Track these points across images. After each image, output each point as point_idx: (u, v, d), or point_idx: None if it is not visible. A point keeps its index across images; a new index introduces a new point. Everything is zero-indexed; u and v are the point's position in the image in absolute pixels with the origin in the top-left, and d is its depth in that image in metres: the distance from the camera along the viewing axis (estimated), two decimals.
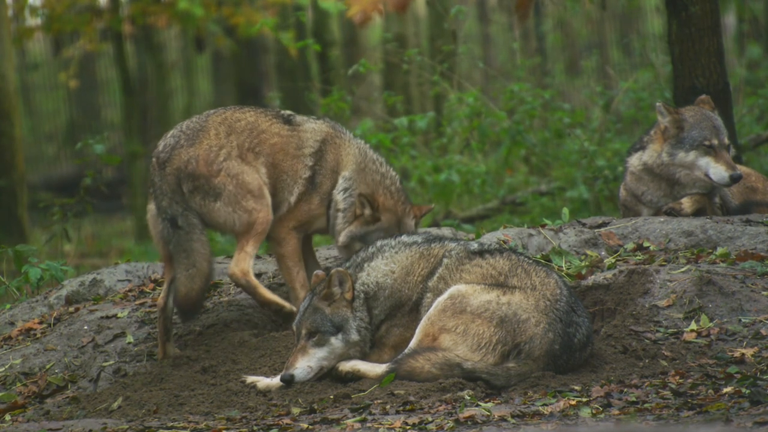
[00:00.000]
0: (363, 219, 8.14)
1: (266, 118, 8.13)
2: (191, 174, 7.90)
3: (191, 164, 7.92)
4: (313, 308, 7.18)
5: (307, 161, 8.13)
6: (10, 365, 8.08)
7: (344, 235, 8.14)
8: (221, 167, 7.94)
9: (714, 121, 9.11)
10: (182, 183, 7.90)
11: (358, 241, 8.14)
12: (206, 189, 7.92)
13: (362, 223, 8.16)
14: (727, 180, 9.00)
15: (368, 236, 8.13)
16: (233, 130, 8.04)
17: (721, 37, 10.57)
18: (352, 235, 8.14)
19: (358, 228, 8.15)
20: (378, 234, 8.11)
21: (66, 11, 21.64)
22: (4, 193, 15.97)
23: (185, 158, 7.94)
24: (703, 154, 9.06)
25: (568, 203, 15.44)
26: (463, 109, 16.22)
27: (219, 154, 7.94)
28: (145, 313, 8.37)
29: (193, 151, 7.95)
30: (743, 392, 6.29)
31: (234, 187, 7.93)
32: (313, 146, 8.16)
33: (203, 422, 6.66)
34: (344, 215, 8.16)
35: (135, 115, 23.45)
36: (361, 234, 8.15)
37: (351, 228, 8.15)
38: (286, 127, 8.15)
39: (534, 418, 6.21)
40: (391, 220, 8.17)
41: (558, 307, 6.97)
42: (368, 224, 8.15)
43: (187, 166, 7.92)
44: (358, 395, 6.87)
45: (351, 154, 8.22)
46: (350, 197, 8.17)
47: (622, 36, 21.41)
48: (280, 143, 8.08)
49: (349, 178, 8.18)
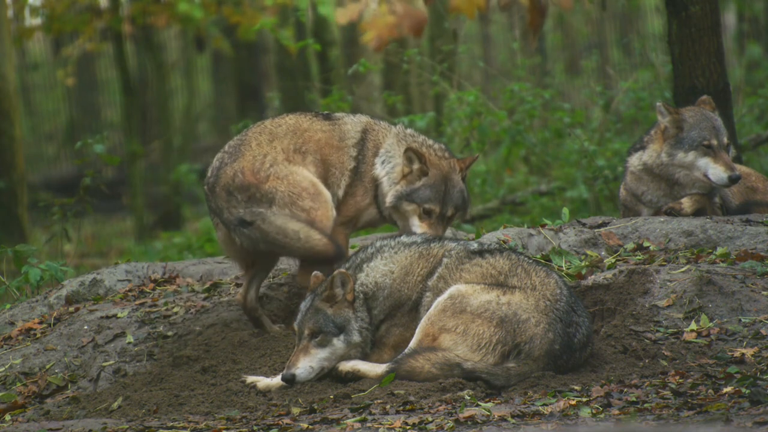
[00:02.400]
0: (411, 176, 8.06)
1: (306, 118, 8.12)
2: (240, 186, 7.84)
3: (238, 177, 7.87)
4: (315, 309, 7.18)
5: (351, 152, 8.10)
6: (10, 365, 8.08)
7: (391, 195, 8.07)
8: (269, 173, 7.87)
9: (714, 121, 9.10)
10: (235, 197, 7.85)
11: (405, 200, 8.07)
12: (258, 197, 7.83)
13: (409, 181, 8.08)
14: (726, 181, 8.99)
15: (415, 194, 8.06)
16: (275, 136, 8.00)
17: (721, 37, 10.57)
18: (399, 194, 8.07)
19: (404, 186, 8.07)
20: (425, 192, 8.03)
21: (66, 11, 21.64)
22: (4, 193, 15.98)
23: (231, 174, 7.90)
24: (702, 154, 9.05)
25: (568, 203, 15.44)
26: (463, 109, 16.22)
27: (264, 161, 7.89)
28: (145, 313, 8.37)
29: (238, 165, 7.92)
30: (743, 392, 6.30)
31: (286, 188, 7.86)
32: (354, 137, 8.14)
33: (203, 422, 6.67)
34: (389, 178, 8.10)
35: (135, 115, 23.46)
36: (408, 192, 8.06)
37: (397, 187, 8.08)
38: (327, 122, 8.13)
39: (534, 418, 6.22)
40: (437, 176, 8.08)
41: (558, 307, 6.97)
42: (415, 181, 8.07)
43: (235, 180, 7.87)
44: (358, 395, 6.87)
45: (389, 136, 8.20)
46: (389, 163, 8.12)
47: (622, 36, 21.41)
48: (324, 138, 8.05)
49: (386, 150, 8.15)
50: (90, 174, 12.57)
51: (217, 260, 9.55)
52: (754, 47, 20.09)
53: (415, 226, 8.03)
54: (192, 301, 8.51)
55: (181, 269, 9.31)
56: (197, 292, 8.77)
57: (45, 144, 26.40)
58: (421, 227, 8.00)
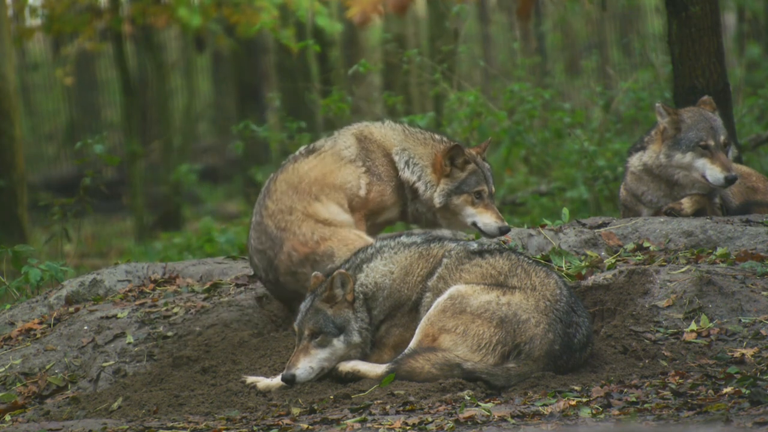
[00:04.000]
0: (453, 172, 8.10)
1: (290, 166, 8.14)
2: (300, 262, 7.96)
3: (294, 256, 7.98)
4: (315, 309, 7.18)
5: (357, 165, 8.11)
6: (10, 365, 8.08)
7: (439, 196, 8.10)
8: (316, 238, 7.95)
9: (712, 122, 9.09)
10: (301, 272, 7.92)
11: (455, 194, 8.10)
12: (320, 260, 7.93)
13: (452, 177, 8.12)
14: (722, 182, 8.99)
15: (464, 185, 8.10)
16: (285, 205, 8.05)
17: (721, 37, 10.57)
18: (447, 192, 8.10)
19: (449, 183, 8.12)
20: (470, 179, 8.08)
21: (66, 11, 21.64)
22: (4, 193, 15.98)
23: (286, 258, 8.02)
24: (699, 155, 9.05)
25: (568, 203, 15.44)
26: (463, 109, 16.22)
27: (305, 231, 7.96)
28: (145, 313, 8.37)
29: (287, 248, 8.01)
30: (743, 392, 6.30)
31: (338, 242, 7.93)
32: (351, 151, 8.14)
33: (203, 422, 6.67)
34: (423, 182, 8.14)
35: (135, 115, 23.46)
36: (456, 186, 8.10)
37: (442, 186, 8.12)
38: (311, 156, 8.16)
39: (534, 418, 6.21)
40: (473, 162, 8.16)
41: (558, 307, 6.97)
42: (457, 174, 8.11)
43: (293, 260, 7.98)
44: (358, 395, 6.87)
45: (388, 131, 8.22)
46: (416, 165, 8.15)
47: (622, 36, 21.41)
48: (319, 172, 8.10)
49: (402, 150, 8.17)
50: (90, 174, 12.57)
51: (217, 260, 9.54)
52: (754, 47, 20.09)
53: (472, 214, 8.11)
54: (192, 302, 8.51)
55: (181, 269, 9.31)
56: (197, 293, 8.77)
57: (45, 144, 26.40)
58: (479, 213, 8.09)
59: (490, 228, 8.08)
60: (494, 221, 8.08)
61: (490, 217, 8.09)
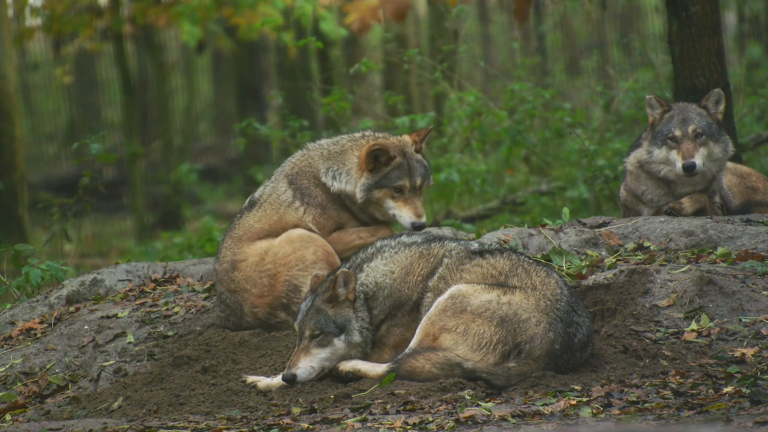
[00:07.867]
0: (376, 167, 8.11)
1: (234, 234, 8.18)
2: (270, 313, 8.05)
3: (260, 311, 8.05)
4: (316, 309, 7.18)
5: (296, 206, 8.16)
6: (11, 365, 8.08)
7: (360, 191, 8.11)
8: (265, 282, 8.02)
9: (685, 113, 8.98)
10: (274, 317, 8.04)
11: (375, 189, 8.09)
12: (282, 302, 8.03)
13: (374, 173, 8.12)
14: (680, 170, 8.89)
15: (384, 179, 8.09)
16: (230, 261, 8.10)
17: (721, 37, 10.56)
18: (367, 186, 8.11)
19: (369, 178, 8.12)
20: (392, 173, 8.07)
21: (66, 11, 21.64)
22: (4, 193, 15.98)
23: (252, 318, 8.09)
24: (670, 148, 9.00)
25: (568, 203, 15.44)
26: (463, 109, 16.22)
27: (251, 282, 8.04)
28: (146, 313, 8.37)
29: (247, 308, 8.07)
30: (743, 392, 6.30)
31: (293, 271, 8.02)
32: (287, 195, 8.19)
33: (203, 422, 6.67)
34: (351, 183, 8.13)
35: (135, 115, 23.46)
36: (376, 180, 8.10)
37: (362, 181, 8.12)
38: (253, 210, 8.22)
39: (534, 417, 6.22)
40: (397, 155, 8.14)
41: (558, 306, 6.97)
42: (381, 169, 8.12)
43: (259, 315, 8.05)
44: (358, 395, 6.87)
45: (313, 156, 8.25)
46: (339, 173, 8.16)
47: (622, 36, 21.41)
48: (264, 222, 8.20)
49: (327, 169, 8.19)
50: (88, 174, 12.56)
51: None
52: (754, 47, 20.08)
53: (392, 208, 8.10)
54: (192, 301, 8.52)
55: (182, 269, 9.32)
56: (197, 292, 8.77)
57: (45, 144, 26.40)
58: (398, 207, 8.08)
59: (404, 222, 8.09)
60: (410, 216, 8.07)
61: (408, 211, 8.08)
